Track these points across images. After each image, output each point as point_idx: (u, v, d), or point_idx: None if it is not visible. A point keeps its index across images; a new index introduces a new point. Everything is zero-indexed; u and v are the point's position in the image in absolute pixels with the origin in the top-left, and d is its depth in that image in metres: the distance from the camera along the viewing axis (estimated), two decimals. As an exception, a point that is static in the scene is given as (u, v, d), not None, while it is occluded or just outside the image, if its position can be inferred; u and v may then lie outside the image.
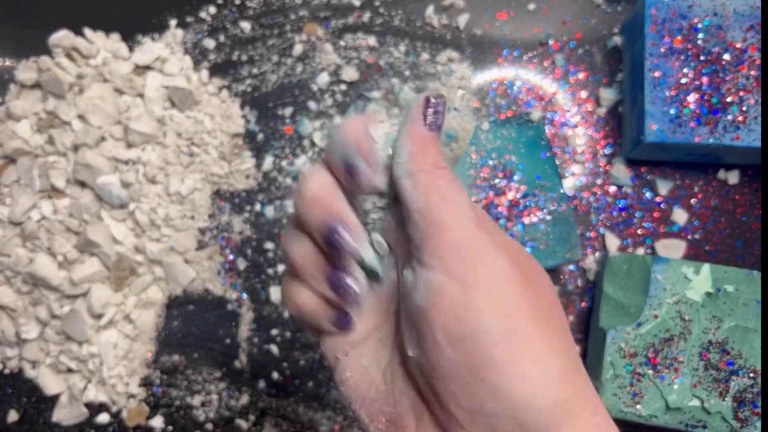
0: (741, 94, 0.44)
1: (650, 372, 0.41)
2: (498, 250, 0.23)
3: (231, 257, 0.49)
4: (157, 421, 0.47)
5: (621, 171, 0.48)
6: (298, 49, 0.51)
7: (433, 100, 0.25)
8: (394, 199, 0.25)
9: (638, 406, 0.40)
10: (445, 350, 0.22)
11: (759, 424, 0.40)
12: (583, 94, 0.50)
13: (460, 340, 0.22)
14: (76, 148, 0.46)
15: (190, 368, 0.48)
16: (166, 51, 0.49)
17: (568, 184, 0.48)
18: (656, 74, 0.44)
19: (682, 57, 0.45)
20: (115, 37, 0.50)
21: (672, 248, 0.47)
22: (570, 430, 0.22)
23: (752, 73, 0.44)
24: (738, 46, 0.44)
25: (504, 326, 0.22)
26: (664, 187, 0.48)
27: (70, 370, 0.47)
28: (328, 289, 0.26)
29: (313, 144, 0.49)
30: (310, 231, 0.25)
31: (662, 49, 0.45)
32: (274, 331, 0.48)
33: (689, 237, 0.47)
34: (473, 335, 0.22)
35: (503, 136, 0.45)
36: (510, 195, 0.43)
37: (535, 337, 0.22)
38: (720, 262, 0.46)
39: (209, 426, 0.47)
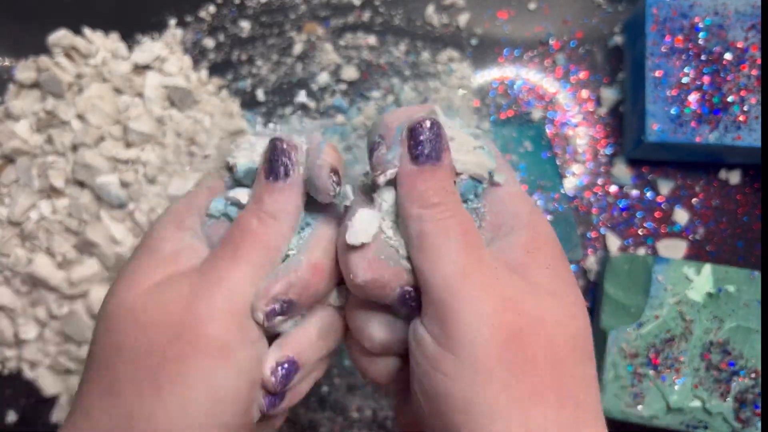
0: (742, 93, 0.44)
1: (651, 373, 0.40)
2: (480, 304, 0.21)
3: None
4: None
5: (622, 171, 0.48)
6: (298, 48, 0.50)
7: (420, 127, 0.23)
8: None
9: (639, 407, 0.40)
10: (421, 401, 0.22)
11: (760, 424, 0.40)
12: (584, 93, 0.50)
13: (429, 397, 0.21)
14: (75, 147, 0.46)
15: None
16: (166, 50, 0.49)
17: (569, 184, 0.48)
18: (657, 74, 0.44)
19: (684, 56, 0.44)
20: (115, 36, 0.50)
21: (673, 248, 0.47)
22: None
23: (753, 72, 0.44)
24: (739, 45, 0.44)
25: (464, 396, 0.20)
26: (665, 187, 0.48)
27: (69, 371, 0.47)
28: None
29: (313, 144, 0.49)
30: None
31: (663, 49, 0.44)
32: (274, 332, 0.48)
33: (690, 237, 0.47)
34: (437, 397, 0.21)
35: (504, 135, 0.44)
36: (511, 195, 0.43)
37: (507, 407, 0.20)
38: (721, 263, 0.46)
39: (209, 427, 0.47)
